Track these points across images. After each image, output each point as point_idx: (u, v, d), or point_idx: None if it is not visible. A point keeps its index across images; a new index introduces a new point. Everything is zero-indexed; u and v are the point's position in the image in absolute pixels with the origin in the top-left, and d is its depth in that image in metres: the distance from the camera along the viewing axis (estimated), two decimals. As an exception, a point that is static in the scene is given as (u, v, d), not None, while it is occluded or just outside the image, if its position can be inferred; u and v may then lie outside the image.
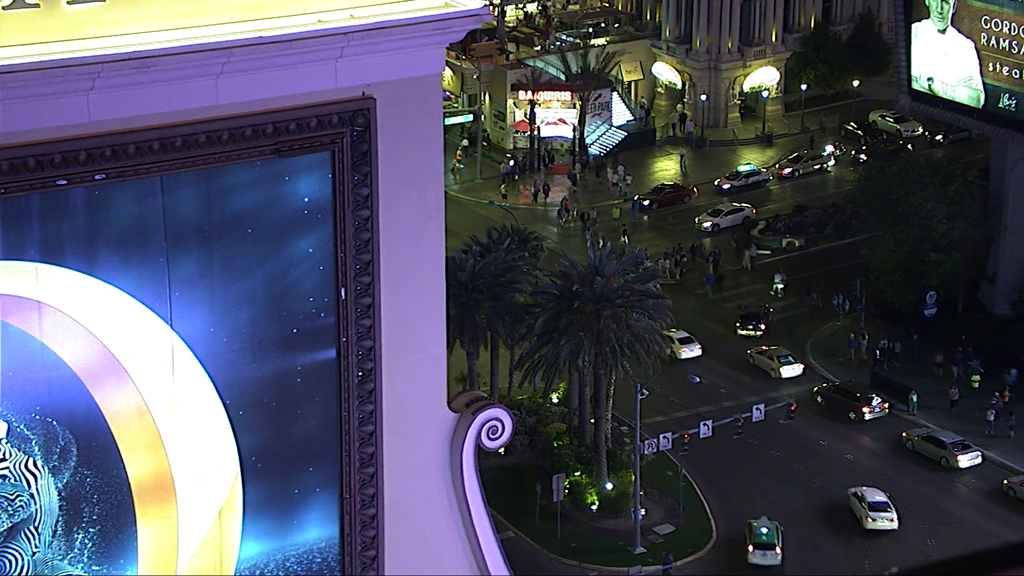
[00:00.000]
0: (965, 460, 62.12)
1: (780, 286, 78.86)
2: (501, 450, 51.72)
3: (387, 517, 40.30)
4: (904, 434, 64.45)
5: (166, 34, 35.75)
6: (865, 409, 66.16)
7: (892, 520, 57.96)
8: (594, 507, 60.26)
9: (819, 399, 67.66)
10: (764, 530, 57.08)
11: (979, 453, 62.49)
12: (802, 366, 70.50)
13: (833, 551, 57.75)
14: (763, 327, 74.25)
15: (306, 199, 38.55)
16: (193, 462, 38.12)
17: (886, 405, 66.33)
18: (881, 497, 58.82)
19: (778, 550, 56.43)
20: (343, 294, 38.95)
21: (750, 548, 56.77)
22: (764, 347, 72.26)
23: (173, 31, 35.93)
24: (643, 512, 58.75)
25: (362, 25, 37.11)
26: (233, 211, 37.73)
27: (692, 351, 70.92)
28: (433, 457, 41.70)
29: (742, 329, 74.44)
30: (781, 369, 70.53)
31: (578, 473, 61.18)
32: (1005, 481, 60.71)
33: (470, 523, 41.92)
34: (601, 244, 70.61)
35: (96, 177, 35.42)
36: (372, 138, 38.46)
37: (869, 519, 58.10)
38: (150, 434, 37.58)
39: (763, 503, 60.92)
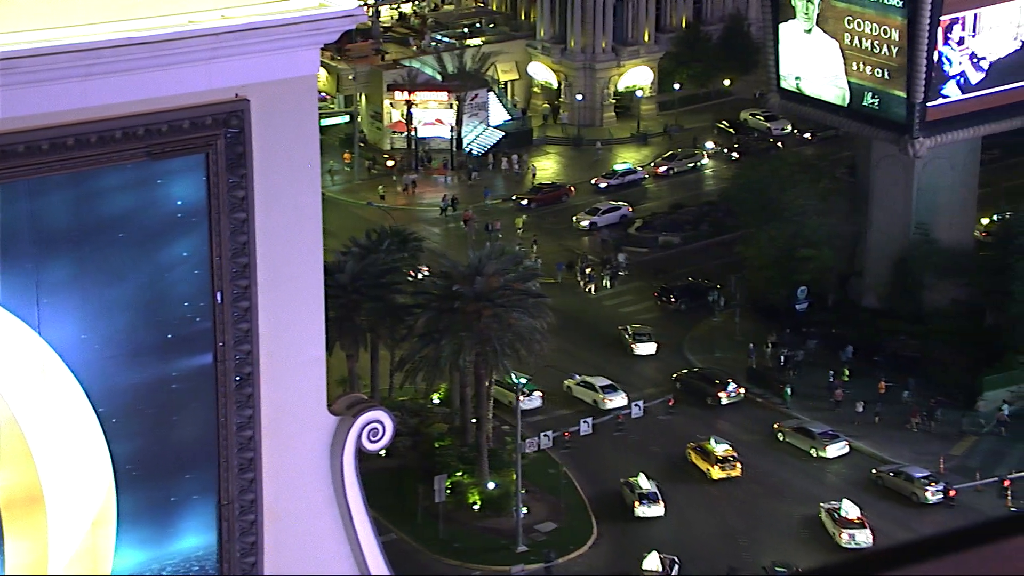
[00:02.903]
0: (834, 450, 63.78)
1: (622, 264, 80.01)
2: (383, 452, 51.50)
3: (266, 522, 39.91)
4: (776, 425, 65.85)
5: (31, 35, 34.89)
6: (722, 394, 67.86)
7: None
8: (476, 507, 60.38)
9: (678, 385, 68.94)
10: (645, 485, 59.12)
11: (847, 443, 64.16)
12: (656, 345, 72.31)
13: (714, 542, 58.67)
14: (673, 299, 75.83)
15: (180, 202, 37.99)
16: (64, 472, 37.26)
17: (741, 390, 68.04)
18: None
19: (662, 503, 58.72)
20: (219, 298, 38.46)
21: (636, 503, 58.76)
22: (631, 325, 74.00)
23: (38, 31, 35.09)
24: (525, 510, 59.02)
25: (234, 26, 36.70)
26: (104, 215, 37.00)
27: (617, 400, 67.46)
28: (313, 461, 41.42)
29: (658, 300, 76.71)
30: (635, 346, 72.23)
31: (460, 473, 61.24)
32: (874, 471, 62.36)
33: (351, 526, 41.73)
34: (486, 244, 71.00)
35: (-41, 182, 34.43)
36: (247, 140, 38.06)
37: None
38: (18, 445, 36.63)
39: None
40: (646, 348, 72.44)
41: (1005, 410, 65.19)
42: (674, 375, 69.86)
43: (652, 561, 56.18)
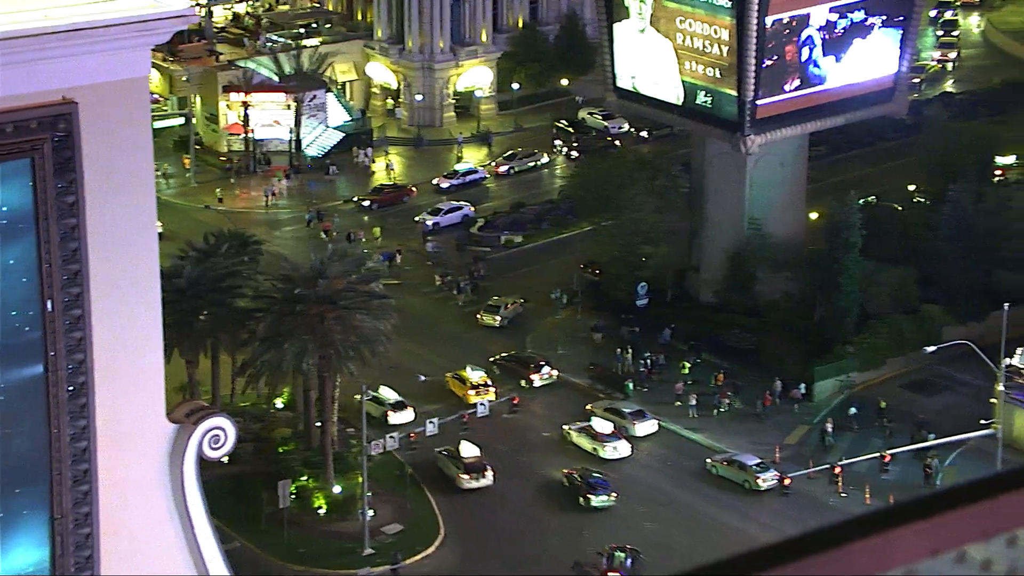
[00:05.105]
0: (643, 428, 65.61)
1: (398, 258, 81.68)
2: (225, 459, 50.67)
3: (103, 535, 38.95)
4: (588, 407, 66.97)
5: None
6: (535, 376, 69.48)
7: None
8: (322, 511, 59.91)
9: (496, 370, 70.23)
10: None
11: (656, 421, 65.94)
12: (499, 319, 74.81)
13: (556, 533, 59.31)
14: (599, 272, 77.56)
15: (5, 208, 36.83)
16: None
17: (554, 372, 69.89)
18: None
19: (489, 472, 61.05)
20: (50, 306, 37.38)
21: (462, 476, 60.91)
22: (495, 296, 76.52)
23: None
24: (371, 513, 58.79)
25: (58, 26, 35.70)
26: (-76, 223, 35.60)
27: (405, 417, 66.73)
28: (152, 470, 40.59)
29: (584, 269, 78.87)
30: (482, 316, 75.17)
31: (305, 478, 60.69)
32: (708, 460, 63.80)
33: (192, 535, 41.02)
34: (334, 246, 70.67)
35: None
36: (75, 144, 37.10)
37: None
38: None
39: (491, 497, 62.04)
40: (491, 319, 74.64)
41: (801, 388, 67.59)
42: (491, 359, 71.01)
43: (468, 448, 61.67)
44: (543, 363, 70.33)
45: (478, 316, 75.29)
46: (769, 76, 71.22)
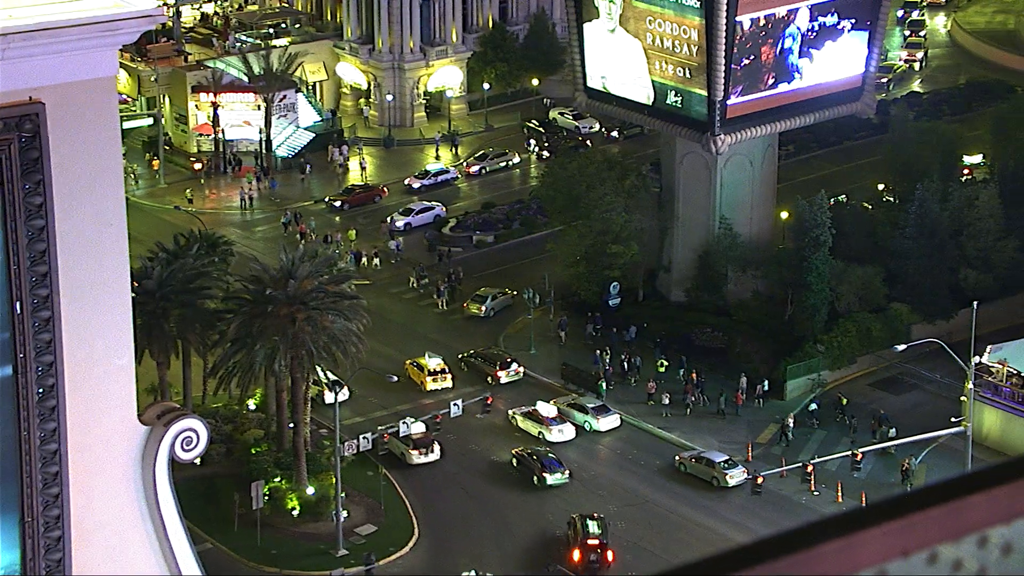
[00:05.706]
0: (605, 423, 66.07)
1: (375, 260, 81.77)
2: (197, 460, 50.49)
3: (74, 538, 38.74)
4: (552, 402, 67.13)
5: None
6: (501, 373, 69.91)
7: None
8: (295, 512, 59.78)
9: (463, 367, 70.58)
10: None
11: (618, 416, 66.25)
12: (485, 308, 76.32)
13: (523, 520, 59.51)
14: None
15: (-28, 210, 36.53)
16: None
17: (520, 370, 70.43)
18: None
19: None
20: (18, 308, 37.16)
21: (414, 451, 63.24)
22: (483, 288, 77.88)
23: None
24: (345, 514, 58.72)
25: (24, 26, 35.48)
26: None
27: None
28: (123, 473, 40.41)
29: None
30: (469, 306, 76.67)
31: (278, 479, 60.54)
32: (677, 457, 63.99)
33: (165, 538, 40.86)
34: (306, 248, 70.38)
35: None
36: (43, 144, 36.88)
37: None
38: None
39: (461, 497, 62.10)
40: (477, 308, 75.83)
41: (765, 385, 67.98)
42: (459, 356, 71.34)
43: (415, 425, 63.90)
44: (510, 360, 70.71)
45: (464, 305, 76.21)
46: (745, 76, 71.47)
